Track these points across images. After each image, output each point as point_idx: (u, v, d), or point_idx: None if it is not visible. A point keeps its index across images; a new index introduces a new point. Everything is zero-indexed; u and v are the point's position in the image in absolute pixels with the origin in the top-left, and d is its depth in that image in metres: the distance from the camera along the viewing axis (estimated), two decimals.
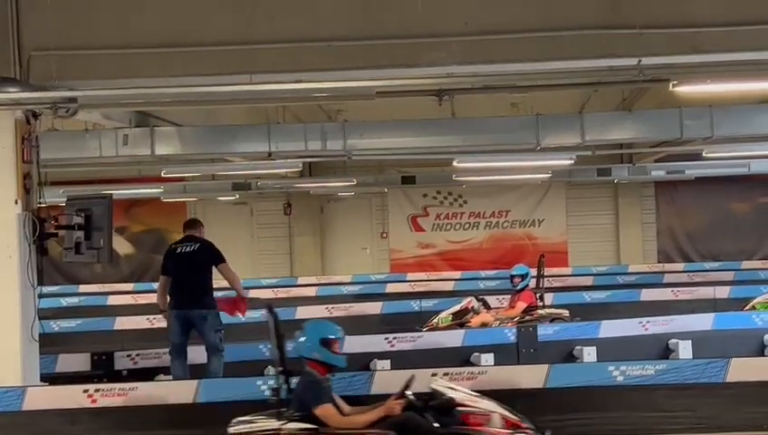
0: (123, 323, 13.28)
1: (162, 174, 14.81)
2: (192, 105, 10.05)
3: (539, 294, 12.81)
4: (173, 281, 9.86)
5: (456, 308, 12.65)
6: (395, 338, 10.67)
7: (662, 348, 10.65)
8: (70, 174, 15.50)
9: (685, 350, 10.40)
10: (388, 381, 7.39)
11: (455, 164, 14.10)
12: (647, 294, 14.86)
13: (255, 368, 9.65)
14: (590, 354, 10.26)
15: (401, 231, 22.60)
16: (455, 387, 6.94)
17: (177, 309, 9.72)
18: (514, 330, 10.84)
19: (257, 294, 14.75)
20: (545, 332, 10.78)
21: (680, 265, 20.59)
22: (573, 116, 11.55)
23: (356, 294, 17.11)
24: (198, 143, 11.69)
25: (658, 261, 21.65)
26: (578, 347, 10.43)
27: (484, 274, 19.50)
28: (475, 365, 9.60)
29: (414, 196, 22.34)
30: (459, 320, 12.36)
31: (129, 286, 19.24)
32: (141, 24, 7.43)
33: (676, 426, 7.40)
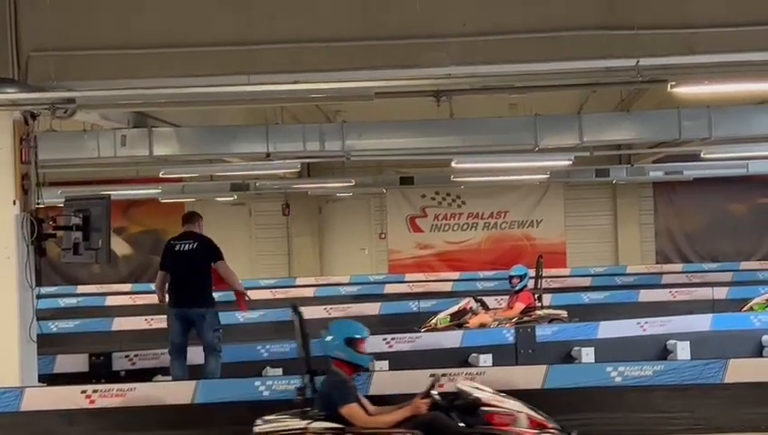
0: (121, 323, 13.29)
1: (160, 175, 14.80)
2: (191, 106, 10.03)
3: (537, 295, 12.77)
4: (172, 279, 9.83)
5: (455, 309, 12.64)
6: (393, 339, 10.66)
7: (660, 349, 10.64)
8: (68, 175, 15.46)
9: (683, 351, 10.38)
10: (386, 382, 7.39)
11: (453, 165, 14.08)
12: (645, 295, 14.85)
13: (253, 369, 9.66)
14: (588, 355, 10.26)
15: (400, 232, 22.58)
16: (480, 387, 6.95)
17: (177, 308, 9.71)
18: (513, 331, 10.83)
19: (256, 295, 14.69)
20: (543, 332, 10.77)
21: (678, 266, 20.56)
22: (572, 117, 11.55)
23: (354, 295, 17.08)
24: (196, 144, 11.69)
25: (657, 262, 21.62)
26: (576, 348, 10.42)
27: (483, 274, 19.42)
28: (474, 366, 9.57)
29: (412, 196, 22.32)
30: (457, 321, 12.35)
31: (128, 287, 19.18)
32: (140, 25, 7.42)
33: (675, 427, 7.41)
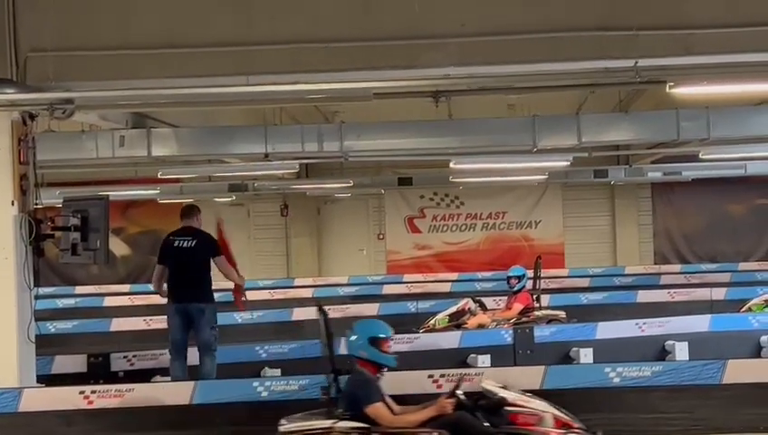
0: (120, 324, 13.29)
1: (159, 175, 14.79)
2: (190, 106, 10.04)
3: (535, 296, 12.77)
4: (171, 276, 9.75)
5: (453, 309, 12.64)
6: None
7: (658, 350, 10.62)
8: (66, 175, 15.46)
9: (681, 351, 10.37)
10: (385, 383, 7.38)
11: (451, 165, 14.07)
12: (643, 296, 14.84)
13: (252, 369, 9.65)
14: (586, 356, 10.24)
15: (398, 232, 22.58)
16: (506, 386, 6.97)
17: (177, 303, 9.66)
18: (511, 331, 10.82)
19: (254, 296, 14.72)
20: (542, 333, 10.76)
21: (677, 267, 20.56)
22: (570, 117, 11.56)
23: (353, 296, 17.07)
24: (195, 144, 11.69)
25: (655, 262, 21.62)
26: (574, 348, 10.41)
27: (481, 275, 19.43)
28: (472, 367, 9.58)
29: (411, 197, 22.32)
30: (456, 321, 12.35)
31: (126, 288, 19.16)
32: (140, 25, 7.40)
33: (673, 427, 7.41)
